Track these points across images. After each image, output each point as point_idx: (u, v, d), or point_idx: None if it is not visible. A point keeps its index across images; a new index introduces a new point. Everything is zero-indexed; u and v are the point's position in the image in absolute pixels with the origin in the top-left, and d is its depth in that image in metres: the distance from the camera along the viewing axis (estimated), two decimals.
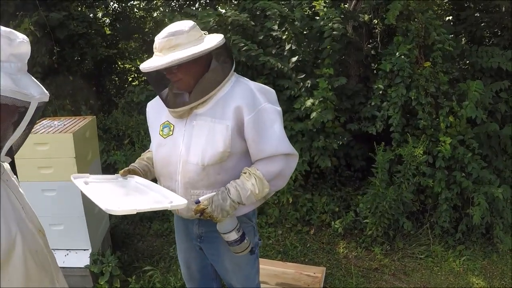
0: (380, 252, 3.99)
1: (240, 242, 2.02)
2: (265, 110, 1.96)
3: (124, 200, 1.86)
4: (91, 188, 1.89)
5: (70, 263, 3.50)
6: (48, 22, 5.13)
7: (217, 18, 4.51)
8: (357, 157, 4.79)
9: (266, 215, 4.60)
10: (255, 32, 4.78)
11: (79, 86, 6.43)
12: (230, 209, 1.94)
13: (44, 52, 5.29)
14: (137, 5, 7.98)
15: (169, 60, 1.85)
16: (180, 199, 1.80)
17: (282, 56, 4.69)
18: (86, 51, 5.97)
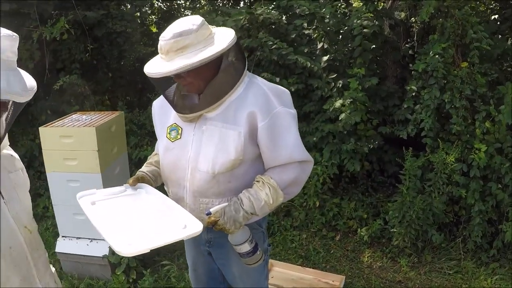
0: (406, 264, 3.78)
1: (252, 254, 1.95)
2: (279, 115, 1.87)
3: (135, 228, 1.72)
4: (98, 211, 1.83)
5: (90, 252, 3.67)
6: (84, 21, 5.24)
7: (248, 16, 4.47)
8: (390, 162, 4.59)
9: (291, 217, 4.51)
10: (288, 30, 4.71)
11: (118, 83, 6.60)
12: (243, 221, 1.87)
13: (82, 50, 5.43)
14: (183, 4, 8.14)
15: (178, 66, 1.71)
16: (195, 223, 1.72)
17: (314, 55, 4.60)
18: (125, 49, 6.08)
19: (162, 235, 1.65)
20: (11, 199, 1.46)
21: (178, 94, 1.97)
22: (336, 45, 4.56)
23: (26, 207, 1.54)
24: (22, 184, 1.57)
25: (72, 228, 3.72)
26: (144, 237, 1.65)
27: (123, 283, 3.49)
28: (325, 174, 4.28)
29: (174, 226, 1.72)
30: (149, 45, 7.19)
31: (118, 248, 1.53)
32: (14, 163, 1.57)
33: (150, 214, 1.86)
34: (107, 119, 3.65)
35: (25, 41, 5.23)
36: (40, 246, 1.60)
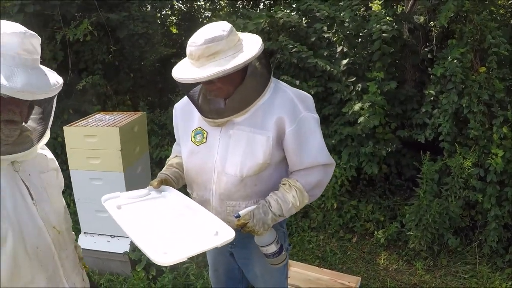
0: (422, 267, 3.80)
1: (278, 254, 1.98)
2: (305, 120, 1.91)
3: (167, 235, 1.70)
4: (126, 216, 1.81)
5: (111, 248, 3.73)
6: (107, 22, 5.34)
7: (268, 19, 4.52)
8: (408, 166, 4.60)
9: (309, 219, 4.55)
10: (308, 33, 4.75)
11: (139, 83, 6.70)
12: (271, 223, 1.89)
13: (104, 51, 5.52)
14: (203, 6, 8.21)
15: (212, 72, 1.71)
16: (226, 230, 1.72)
17: (334, 58, 4.64)
18: (146, 50, 6.16)
19: (196, 243, 1.64)
20: (41, 200, 1.48)
21: (203, 98, 1.98)
22: (355, 48, 4.57)
23: (57, 208, 1.56)
24: (54, 185, 1.60)
25: (93, 225, 3.80)
26: (178, 245, 1.63)
27: (142, 279, 3.55)
28: (343, 176, 4.32)
29: (205, 233, 1.72)
30: (170, 46, 7.29)
31: (156, 258, 1.52)
32: (47, 163, 1.60)
33: (179, 219, 1.85)
34: (130, 120, 3.72)
35: (48, 42, 5.33)
36: (69, 246, 1.62)
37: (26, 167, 1.49)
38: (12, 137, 1.38)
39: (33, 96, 1.30)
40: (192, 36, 1.80)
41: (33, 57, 1.37)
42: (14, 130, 1.38)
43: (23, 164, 1.47)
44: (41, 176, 1.54)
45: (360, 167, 4.38)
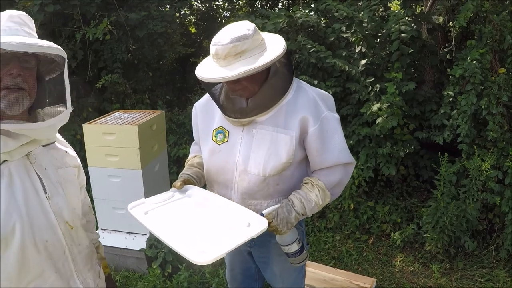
0: (438, 270, 3.75)
1: (300, 253, 1.99)
2: (327, 119, 1.91)
3: (200, 234, 1.69)
4: (155, 221, 1.79)
5: (128, 245, 3.78)
6: (126, 22, 5.39)
7: (287, 19, 4.52)
8: (426, 167, 4.57)
9: (326, 219, 4.54)
10: (326, 33, 4.75)
11: (158, 82, 6.76)
12: (295, 221, 1.90)
13: (123, 50, 5.57)
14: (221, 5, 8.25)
15: (241, 71, 1.70)
16: (258, 219, 1.73)
17: (352, 58, 4.62)
18: (165, 49, 6.20)
19: (232, 237, 1.63)
20: (55, 194, 1.49)
21: (225, 98, 1.98)
22: (374, 49, 4.55)
23: (71, 204, 1.56)
24: (71, 181, 1.59)
25: (111, 222, 3.85)
26: (213, 242, 1.62)
27: (158, 277, 3.59)
28: (361, 177, 4.30)
29: (238, 226, 1.72)
30: (188, 45, 7.33)
31: (195, 259, 1.51)
32: (65, 159, 1.61)
33: (208, 216, 1.84)
34: (149, 118, 3.76)
35: (68, 41, 5.41)
36: (83, 242, 1.62)
37: (43, 162, 1.49)
38: (19, 105, 1.38)
39: (21, 46, 1.29)
40: (216, 36, 1.80)
41: (24, 29, 1.40)
42: (20, 97, 1.38)
43: (39, 157, 1.48)
44: (58, 171, 1.54)
45: (378, 168, 4.36)
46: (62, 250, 1.50)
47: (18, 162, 1.41)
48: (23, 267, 1.40)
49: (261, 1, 7.93)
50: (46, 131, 1.46)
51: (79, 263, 1.58)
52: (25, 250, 1.39)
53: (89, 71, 5.57)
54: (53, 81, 1.52)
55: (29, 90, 1.41)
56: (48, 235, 1.45)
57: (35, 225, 1.41)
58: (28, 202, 1.40)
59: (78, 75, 5.79)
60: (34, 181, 1.44)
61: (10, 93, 1.36)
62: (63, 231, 1.50)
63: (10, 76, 1.35)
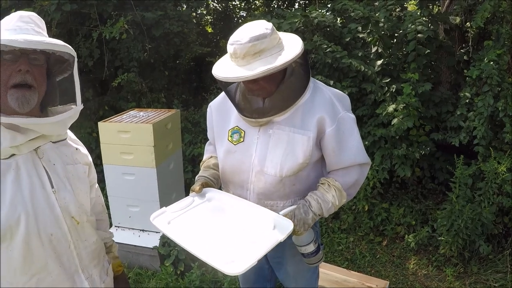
0: (451, 274, 3.70)
1: (316, 254, 1.99)
2: (344, 120, 1.91)
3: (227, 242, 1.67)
4: (180, 231, 1.77)
5: (141, 242, 3.80)
6: (143, 21, 5.41)
7: (303, 19, 4.50)
8: (441, 169, 4.51)
9: (340, 220, 4.52)
10: (342, 33, 4.72)
11: (174, 81, 6.79)
12: (311, 222, 1.90)
13: (140, 49, 5.59)
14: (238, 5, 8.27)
15: (262, 70, 1.69)
16: (283, 221, 1.72)
17: (368, 58, 4.59)
18: (181, 49, 6.22)
19: (259, 243, 1.62)
20: (62, 189, 1.51)
21: (242, 98, 1.97)
22: (390, 49, 4.52)
23: (79, 200, 1.57)
24: (80, 177, 1.61)
25: (125, 219, 3.87)
26: (241, 249, 1.61)
27: (170, 274, 3.60)
28: (376, 178, 4.27)
29: (263, 230, 1.71)
30: (205, 45, 7.36)
31: (226, 270, 1.49)
32: (76, 156, 1.63)
33: (231, 221, 1.83)
34: (164, 117, 3.78)
35: (85, 40, 5.46)
36: (89, 238, 1.63)
37: (52, 157, 1.52)
38: (28, 103, 1.41)
39: (29, 43, 1.32)
40: (233, 34, 1.79)
41: (34, 28, 1.43)
42: (29, 95, 1.41)
43: (47, 153, 1.51)
44: (67, 167, 1.56)
45: (393, 170, 4.32)
46: (66, 244, 1.52)
47: (26, 156, 1.44)
48: (27, 259, 1.43)
49: (278, 1, 7.92)
50: (55, 127, 1.48)
51: (84, 258, 1.60)
52: (29, 243, 1.42)
53: (106, 70, 5.61)
54: (63, 79, 1.54)
55: (38, 87, 1.44)
56: (53, 228, 1.47)
57: (40, 218, 1.43)
58: (34, 195, 1.43)
59: (94, 74, 5.84)
60: (41, 175, 1.47)
61: (19, 91, 1.39)
62: (69, 226, 1.52)
63: (18, 73, 1.38)
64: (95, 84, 6.06)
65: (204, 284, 3.52)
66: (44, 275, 1.47)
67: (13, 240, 1.39)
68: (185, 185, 4.41)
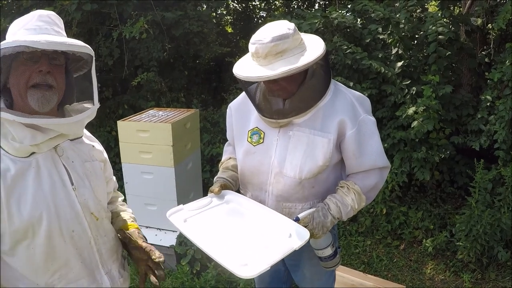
0: (469, 280, 3.64)
1: (333, 257, 1.98)
2: (364, 122, 1.90)
3: (242, 245, 1.68)
4: (195, 229, 1.77)
5: (158, 241, 3.81)
6: (163, 21, 5.43)
7: (323, 20, 4.48)
8: (461, 173, 4.45)
9: (357, 223, 4.49)
10: (362, 35, 4.69)
11: (193, 81, 6.82)
12: (330, 226, 1.89)
13: (159, 48, 5.61)
14: (258, 6, 8.27)
15: (284, 70, 1.68)
16: (299, 230, 1.71)
17: (388, 60, 4.56)
18: (201, 48, 6.23)
19: (273, 249, 1.62)
20: (81, 186, 1.53)
21: (262, 98, 1.96)
22: (410, 50, 4.48)
23: (97, 196, 1.59)
24: (97, 174, 1.63)
25: (142, 217, 3.87)
26: (255, 253, 1.61)
27: (186, 273, 3.62)
28: (394, 181, 4.24)
29: (279, 236, 1.70)
30: (224, 45, 7.37)
31: (238, 272, 1.49)
32: (92, 153, 1.65)
33: (248, 225, 1.82)
34: (183, 116, 3.80)
35: (105, 39, 5.51)
36: (108, 233, 1.65)
37: (70, 155, 1.54)
38: (48, 103, 1.43)
39: (51, 45, 1.33)
40: (255, 34, 1.78)
41: (54, 28, 1.45)
42: (49, 95, 1.43)
43: (67, 151, 1.53)
44: (85, 164, 1.58)
45: (412, 173, 4.27)
46: (87, 240, 1.54)
47: (46, 154, 1.46)
48: (49, 256, 1.45)
49: (298, 1, 7.90)
50: (74, 126, 1.49)
51: (104, 254, 1.62)
52: (51, 240, 1.43)
53: (126, 69, 5.65)
54: (81, 78, 1.56)
55: (58, 87, 1.45)
56: (74, 225, 1.49)
57: (62, 215, 1.45)
58: (55, 193, 1.45)
59: (114, 73, 5.90)
60: (62, 173, 1.49)
61: (40, 91, 1.40)
62: (89, 222, 1.54)
63: (39, 73, 1.40)
64: (115, 83, 6.12)
65: (220, 284, 3.54)
66: (65, 271, 1.49)
67: (35, 238, 1.41)
68: (203, 185, 4.42)
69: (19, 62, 1.38)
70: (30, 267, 1.44)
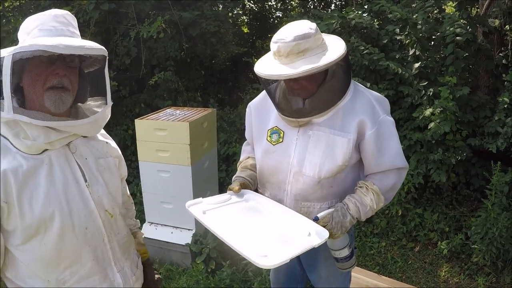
0: (483, 283, 3.60)
1: (349, 259, 1.99)
2: (384, 123, 1.90)
3: (261, 238, 1.70)
4: (214, 221, 1.80)
5: (173, 239, 3.84)
6: (180, 21, 5.46)
7: (340, 20, 4.48)
8: (477, 176, 4.42)
9: (373, 224, 4.47)
10: (379, 35, 4.68)
11: (210, 80, 6.85)
12: (349, 226, 1.90)
13: (177, 48, 5.65)
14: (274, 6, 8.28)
15: (305, 68, 1.70)
16: (319, 230, 1.72)
17: (406, 61, 4.54)
18: (217, 48, 6.25)
19: (292, 244, 1.64)
20: (95, 183, 1.54)
21: (282, 97, 1.98)
22: (428, 52, 4.45)
23: (111, 193, 1.60)
24: (112, 170, 1.64)
25: (158, 215, 3.94)
26: (274, 247, 1.62)
27: (201, 272, 3.64)
28: (410, 183, 4.22)
29: (298, 234, 1.71)
30: (241, 45, 7.40)
31: (258, 261, 1.51)
32: (108, 150, 1.66)
33: (267, 222, 1.84)
34: (200, 115, 3.83)
35: (122, 38, 5.55)
36: (122, 231, 1.66)
37: (83, 151, 1.54)
38: (63, 105, 1.43)
39: (69, 49, 1.34)
40: (277, 33, 1.81)
41: (69, 29, 1.46)
42: (65, 97, 1.43)
43: (80, 148, 1.53)
44: (99, 161, 1.59)
45: (428, 175, 4.25)
46: (101, 237, 1.55)
47: (58, 151, 1.47)
48: (60, 253, 1.45)
49: (314, 1, 7.90)
50: (88, 126, 1.50)
51: (117, 251, 1.62)
52: (63, 236, 1.44)
53: (143, 68, 5.69)
54: (94, 77, 1.57)
55: (72, 88, 1.46)
56: (87, 222, 1.49)
57: (74, 213, 1.46)
58: (67, 190, 1.45)
59: (131, 72, 5.94)
60: (75, 170, 1.49)
61: (55, 93, 1.41)
62: (103, 219, 1.55)
63: (55, 76, 1.41)
64: (131, 82, 6.17)
65: (234, 283, 3.55)
66: (77, 268, 1.50)
67: (46, 234, 1.41)
68: (219, 184, 4.44)
69: (35, 63, 1.39)
70: (41, 263, 1.45)
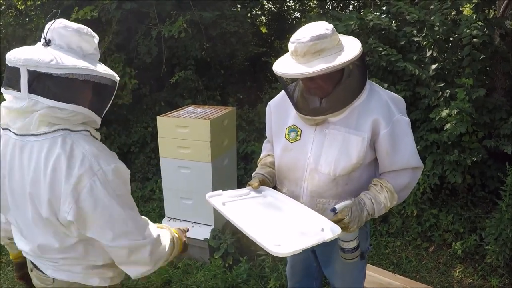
0: (497, 284, 3.62)
1: (355, 250, 2.03)
2: (398, 122, 1.95)
3: (277, 230, 1.78)
4: (233, 211, 1.88)
5: (193, 234, 3.88)
6: (201, 20, 5.55)
7: (358, 21, 4.53)
8: (492, 178, 4.42)
9: (388, 224, 4.51)
10: (397, 37, 4.72)
11: (229, 80, 6.93)
12: (365, 220, 1.93)
13: (197, 47, 5.73)
14: (292, 7, 8.33)
15: (321, 68, 1.77)
16: (332, 226, 1.77)
17: (423, 63, 4.57)
18: (237, 48, 6.33)
19: (306, 237, 1.71)
20: None
21: (300, 96, 2.04)
22: (445, 53, 4.48)
23: None
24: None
25: (178, 211, 4.02)
26: (289, 238, 1.69)
27: (219, 267, 3.71)
28: (426, 183, 4.24)
29: (312, 228, 1.78)
30: (259, 45, 7.47)
31: (272, 249, 1.58)
32: None
33: (283, 216, 1.92)
34: (220, 114, 3.91)
35: (144, 37, 5.64)
36: None
37: None
38: None
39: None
40: (295, 34, 1.87)
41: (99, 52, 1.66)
42: None
43: None
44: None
45: (444, 176, 4.27)
46: None
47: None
48: None
49: (332, 2, 7.94)
50: None
51: None
52: None
53: (163, 67, 5.77)
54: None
55: None
56: None
57: None
58: None
59: (152, 71, 6.03)
60: None
61: None
62: None
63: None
64: (152, 80, 6.28)
65: (251, 278, 3.62)
66: None
67: None
68: (237, 182, 4.51)
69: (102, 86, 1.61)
70: None
